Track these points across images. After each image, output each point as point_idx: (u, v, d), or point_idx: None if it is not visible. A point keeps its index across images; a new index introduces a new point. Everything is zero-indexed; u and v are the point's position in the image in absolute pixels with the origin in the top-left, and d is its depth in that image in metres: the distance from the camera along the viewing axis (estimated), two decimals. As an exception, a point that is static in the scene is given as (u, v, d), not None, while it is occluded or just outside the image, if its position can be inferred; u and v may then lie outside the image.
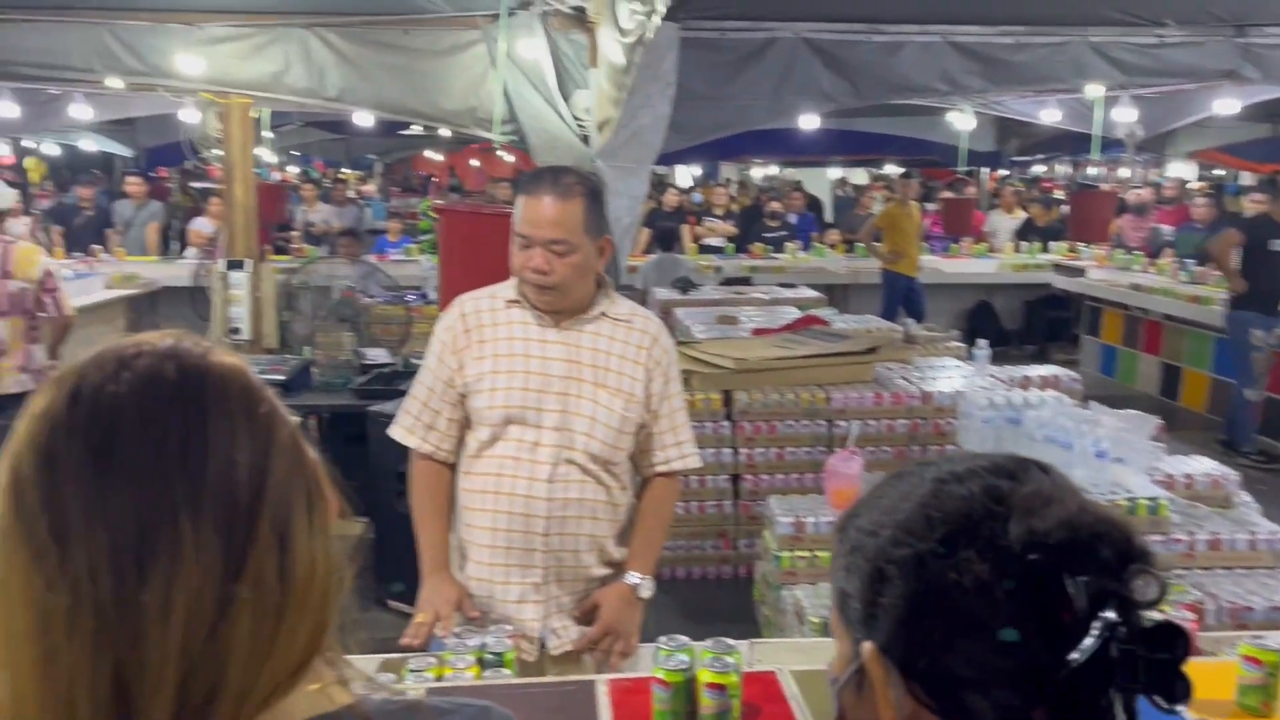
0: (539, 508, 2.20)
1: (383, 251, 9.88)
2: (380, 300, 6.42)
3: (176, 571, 0.68)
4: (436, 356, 2.32)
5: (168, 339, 0.76)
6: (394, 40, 5.70)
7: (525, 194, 2.20)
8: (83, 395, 0.71)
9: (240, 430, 0.73)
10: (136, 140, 13.98)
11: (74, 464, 0.69)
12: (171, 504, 0.68)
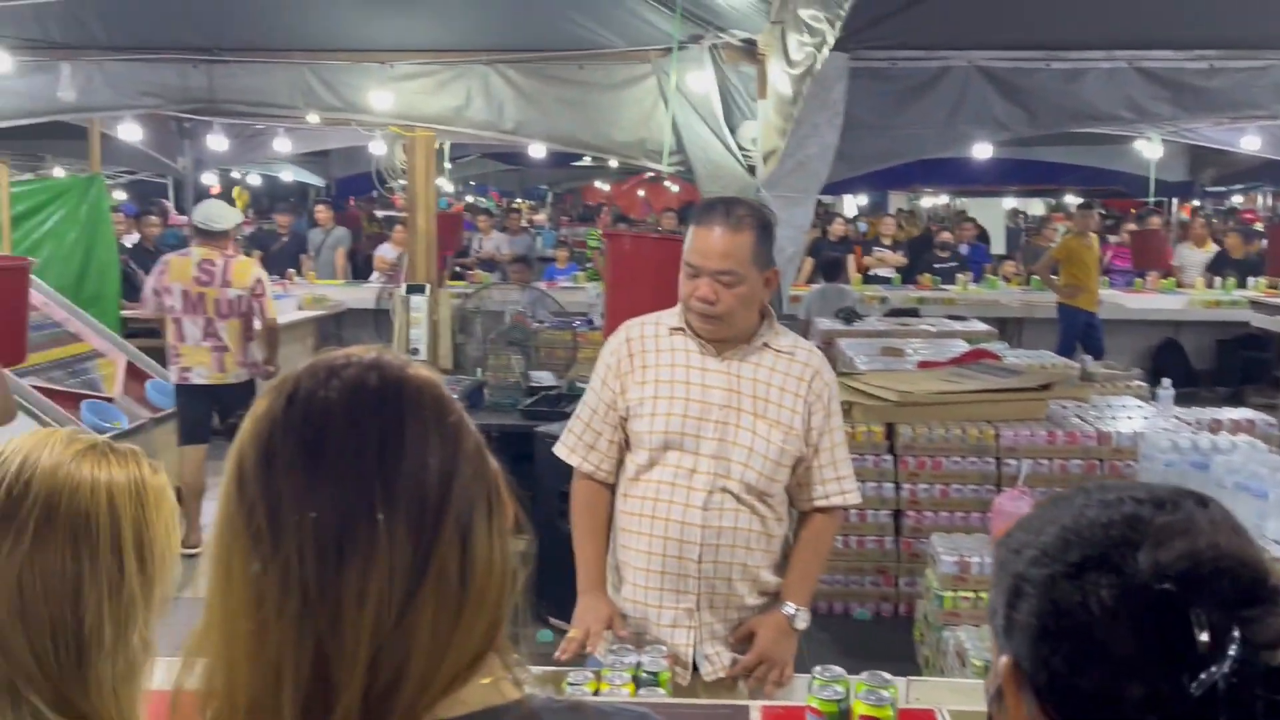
0: (693, 534, 2.22)
1: (552, 278, 10.18)
2: (548, 325, 6.61)
3: (371, 561, 0.74)
4: (600, 379, 2.37)
5: (371, 352, 0.84)
6: (569, 75, 5.91)
7: (697, 224, 2.23)
8: (298, 399, 0.79)
9: (432, 436, 0.79)
10: (329, 171, 14.94)
11: (288, 459, 0.77)
12: (370, 499, 0.75)
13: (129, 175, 13.11)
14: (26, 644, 0.94)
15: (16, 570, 0.95)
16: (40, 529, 0.96)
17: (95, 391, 5.44)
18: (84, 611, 0.97)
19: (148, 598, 1.02)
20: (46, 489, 0.97)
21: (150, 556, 1.02)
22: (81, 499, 0.98)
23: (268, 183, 16.83)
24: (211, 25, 5.76)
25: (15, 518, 0.96)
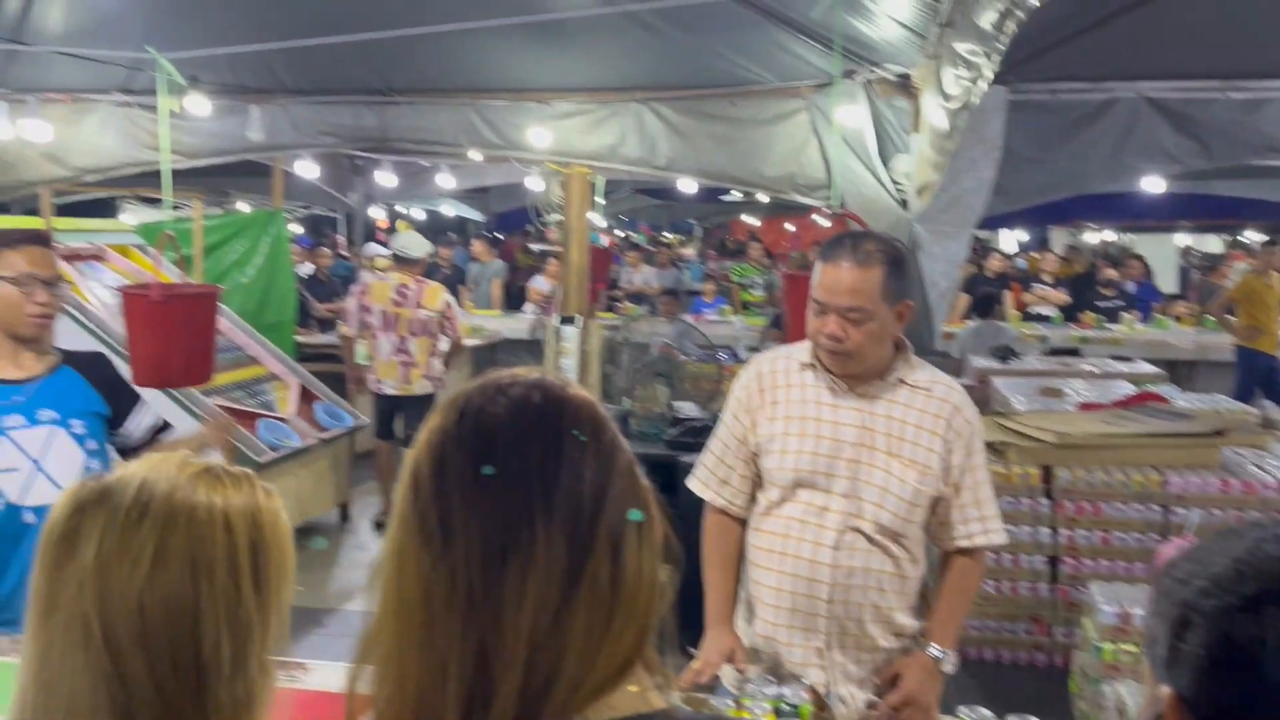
0: (823, 574, 2.19)
1: (699, 311, 10.26)
2: (694, 358, 6.66)
3: (530, 565, 0.80)
4: (732, 414, 2.36)
5: (535, 373, 0.91)
6: (720, 111, 5.99)
7: (824, 260, 2.18)
8: (468, 414, 0.86)
9: (588, 452, 0.85)
10: (489, 206, 15.53)
11: (458, 468, 0.83)
12: (530, 507, 0.81)
13: (305, 209, 13.99)
14: (147, 670, 0.94)
15: (137, 594, 0.94)
16: (159, 551, 0.96)
17: (270, 412, 5.80)
18: (203, 635, 0.96)
19: (264, 622, 1.02)
20: (164, 511, 0.97)
21: (266, 579, 1.02)
22: (198, 521, 0.98)
23: (430, 217, 17.62)
24: (385, 69, 6.12)
25: (134, 540, 0.95)
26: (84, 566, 0.94)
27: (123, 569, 0.94)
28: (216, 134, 6.52)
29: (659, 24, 5.29)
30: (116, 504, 0.97)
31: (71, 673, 0.93)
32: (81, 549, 0.95)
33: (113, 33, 5.69)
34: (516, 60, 5.96)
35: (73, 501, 0.98)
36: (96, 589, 0.93)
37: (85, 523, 0.96)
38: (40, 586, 0.96)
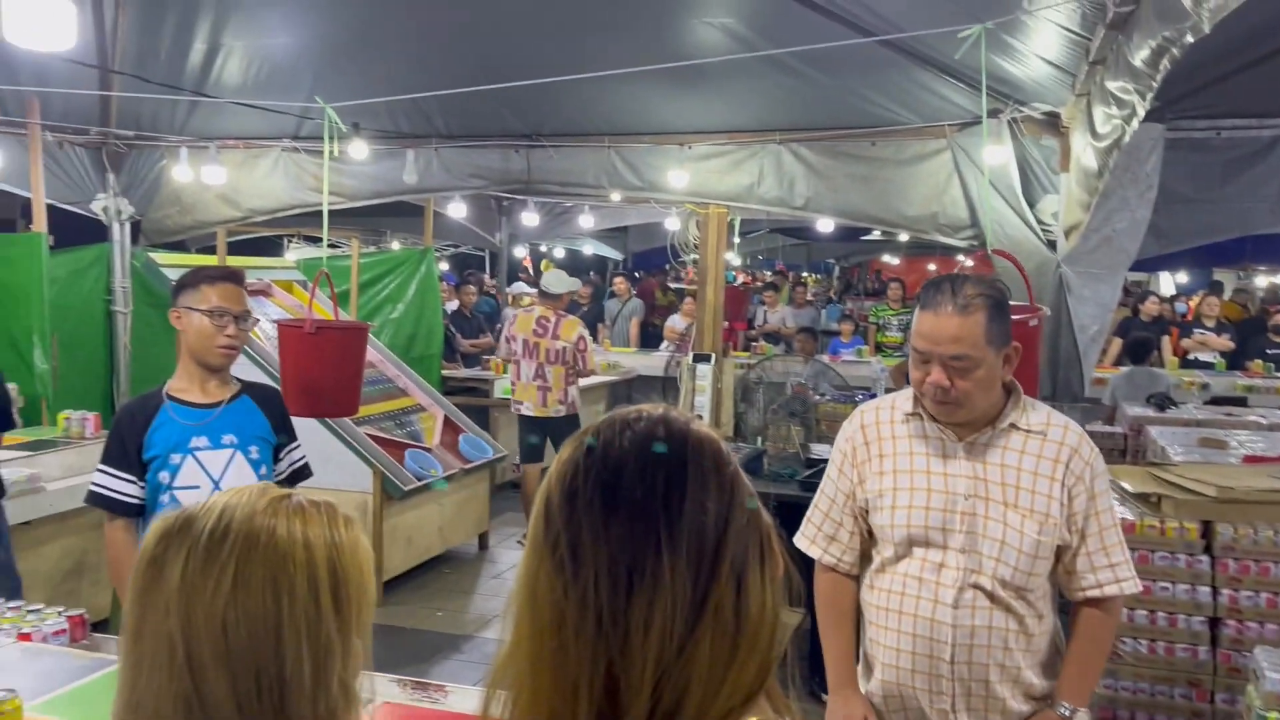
0: (944, 633, 2.08)
1: (835, 352, 10.13)
2: (830, 398, 6.59)
3: (656, 593, 0.83)
4: (838, 467, 2.25)
5: (660, 409, 0.94)
6: (860, 151, 5.96)
7: (923, 307, 2.07)
8: (596, 447, 0.91)
9: (710, 485, 0.88)
10: (627, 245, 15.81)
11: (587, 499, 0.88)
12: (655, 537, 0.85)
13: (453, 248, 14.53)
14: (229, 688, 0.96)
15: (220, 613, 0.96)
16: (241, 570, 0.98)
17: (417, 442, 6.03)
18: (285, 653, 0.98)
19: (345, 642, 1.03)
20: (245, 532, 1.00)
21: (345, 600, 1.03)
22: (278, 543, 1.00)
23: (571, 255, 18.04)
24: (533, 115, 6.36)
25: (217, 560, 0.98)
26: (169, 590, 0.98)
27: (206, 590, 0.97)
28: (374, 177, 6.89)
29: (798, 66, 5.32)
30: (199, 529, 1.00)
31: (156, 695, 0.96)
32: (167, 573, 0.99)
33: (284, 84, 6.11)
34: (656, 104, 6.10)
35: (160, 530, 1.02)
36: (182, 610, 0.97)
37: (171, 549, 1.00)
38: (131, 613, 1.00)
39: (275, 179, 7.08)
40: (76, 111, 6.49)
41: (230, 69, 6.10)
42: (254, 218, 7.24)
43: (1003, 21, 4.12)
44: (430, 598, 5.70)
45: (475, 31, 5.59)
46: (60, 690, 2.38)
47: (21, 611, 2.86)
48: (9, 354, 5.87)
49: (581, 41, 5.51)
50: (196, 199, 7.24)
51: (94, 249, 6.99)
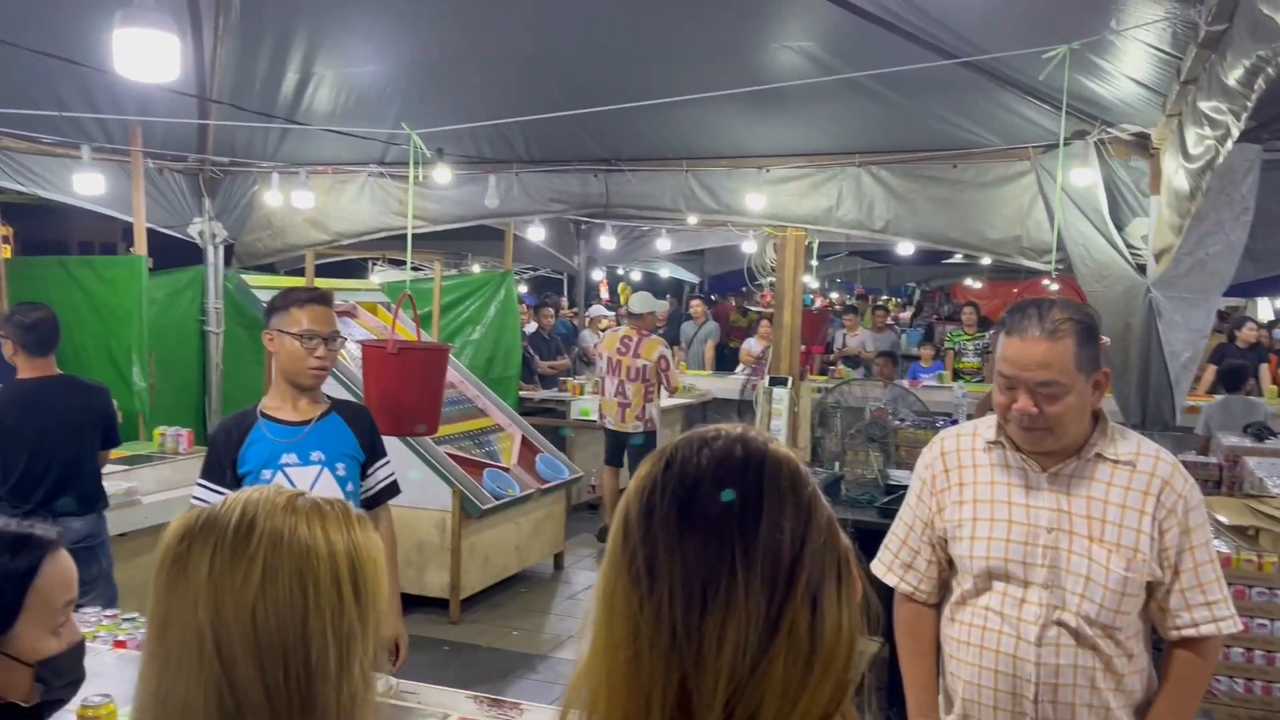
0: (1027, 671, 2.00)
1: (915, 377, 9.99)
2: (909, 424, 6.49)
3: (730, 610, 0.84)
4: (916, 494, 2.20)
5: (738, 428, 0.95)
6: (941, 174, 5.90)
7: (1009, 332, 2.01)
8: (674, 464, 0.92)
9: (787, 505, 0.89)
10: (703, 268, 15.82)
11: (664, 514, 0.89)
12: (730, 555, 0.86)
13: (531, 271, 14.73)
14: (258, 676, 0.99)
15: (250, 604, 1.00)
16: (269, 563, 1.01)
17: (495, 462, 6.11)
18: (311, 641, 1.01)
19: (364, 630, 1.06)
20: (270, 525, 1.04)
21: (364, 590, 1.07)
22: (300, 537, 1.04)
23: (647, 278, 18.12)
24: (611, 140, 6.43)
25: (245, 554, 1.01)
26: (197, 585, 1.01)
27: (235, 583, 1.00)
28: (457, 201, 7.04)
29: (878, 88, 5.29)
30: (223, 526, 1.03)
31: (185, 685, 0.99)
32: (193, 570, 1.01)
33: (372, 111, 6.29)
34: (734, 128, 6.12)
35: (181, 529, 1.05)
36: (211, 603, 1.00)
37: (195, 546, 1.02)
38: (156, 609, 1.03)
39: (361, 203, 7.28)
40: (176, 139, 6.77)
41: (320, 97, 6.31)
42: (340, 241, 7.44)
43: (1089, 42, 4.05)
44: (506, 616, 5.75)
45: (556, 59, 5.69)
46: (153, 696, 2.45)
47: (118, 619, 2.97)
48: (110, 371, 6.12)
49: (660, 67, 5.57)
50: (286, 223, 7.48)
51: (190, 271, 7.26)
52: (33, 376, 4.01)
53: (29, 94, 5.52)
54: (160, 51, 2.87)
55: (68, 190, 6.29)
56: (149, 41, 2.85)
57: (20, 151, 6.10)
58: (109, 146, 6.35)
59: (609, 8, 5.31)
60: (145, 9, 2.82)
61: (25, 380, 4.02)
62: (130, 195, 6.48)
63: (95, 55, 4.43)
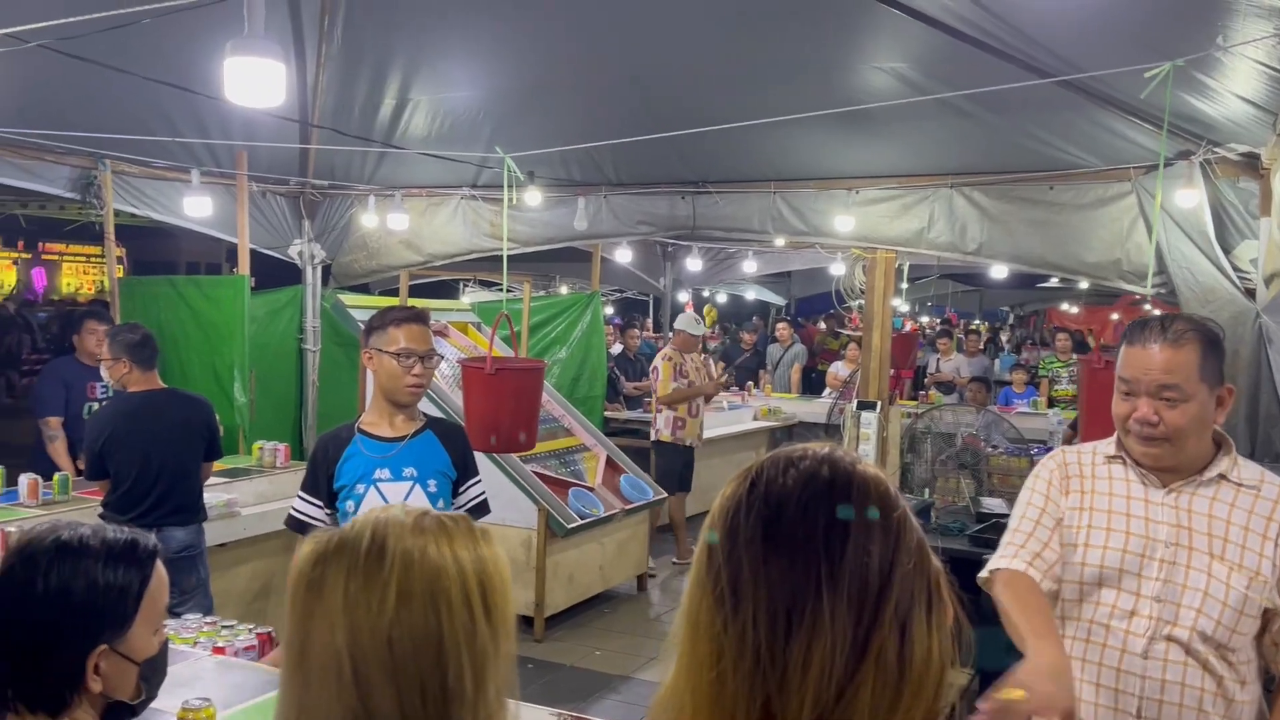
0: (1131, 684, 1.94)
1: (1009, 403, 9.75)
2: (1003, 451, 6.34)
3: (816, 634, 0.82)
4: (1043, 494, 2.12)
5: (825, 448, 0.93)
6: (1037, 195, 5.77)
7: (1130, 343, 1.98)
8: (759, 484, 0.91)
9: (875, 528, 0.87)
10: (790, 291, 15.73)
11: (749, 535, 0.88)
12: (816, 577, 0.84)
13: (618, 293, 14.84)
14: (396, 700, 0.99)
15: (386, 629, 1.00)
16: (402, 587, 1.01)
17: (580, 481, 6.15)
18: (447, 664, 1.01)
19: (497, 650, 1.06)
20: (402, 549, 1.03)
21: (495, 609, 1.06)
22: (431, 559, 1.04)
23: (733, 301, 18.09)
24: (700, 162, 6.46)
25: (379, 579, 1.01)
26: (333, 609, 1.01)
27: (370, 608, 1.01)
28: (547, 223, 7.14)
29: (971, 108, 5.22)
30: (355, 550, 1.04)
31: (326, 709, 0.99)
32: (328, 594, 1.02)
33: (465, 135, 6.44)
34: (823, 149, 6.09)
35: (314, 553, 1.06)
36: (347, 628, 1.00)
37: (330, 570, 1.03)
38: (294, 633, 1.03)
39: (454, 225, 7.44)
40: (279, 163, 7.02)
41: (416, 121, 6.48)
42: (433, 262, 7.61)
43: (1194, 59, 3.92)
44: (589, 636, 5.77)
45: (646, 82, 5.74)
46: (250, 702, 2.53)
47: (217, 626, 3.07)
48: (212, 387, 6.34)
49: (749, 90, 5.58)
50: (381, 244, 7.68)
51: (289, 290, 7.50)
52: (141, 390, 4.19)
53: (144, 121, 5.80)
54: (268, 78, 2.99)
55: (178, 212, 6.57)
56: (258, 69, 2.97)
57: (135, 176, 6.40)
58: (216, 170, 6.61)
59: (699, 32, 5.34)
60: (255, 38, 2.95)
61: (135, 393, 4.21)
62: (235, 217, 6.74)
63: (206, 82, 4.63)
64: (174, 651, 2.82)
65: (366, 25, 5.92)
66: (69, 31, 3.86)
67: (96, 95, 5.37)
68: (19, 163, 5.80)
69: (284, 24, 5.78)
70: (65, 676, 1.36)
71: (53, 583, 1.35)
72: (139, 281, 7.32)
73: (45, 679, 1.35)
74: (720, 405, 9.67)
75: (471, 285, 12.05)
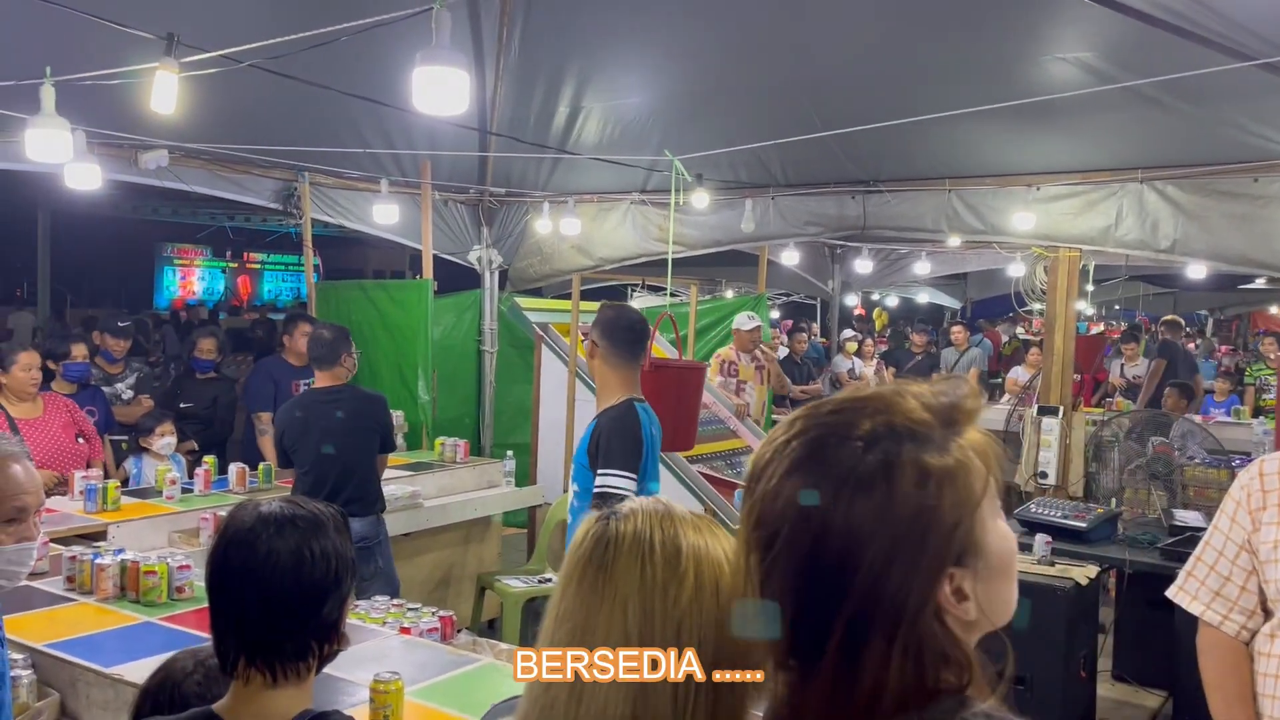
0: None
1: (1207, 412, 9.14)
2: (1199, 461, 5.94)
3: None
4: (1229, 516, 2.07)
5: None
6: (1240, 188, 5.38)
7: None
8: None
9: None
10: (965, 293, 15.19)
11: None
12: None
13: (784, 296, 14.72)
14: (671, 686, 1.02)
15: (679, 617, 1.05)
16: (697, 580, 1.06)
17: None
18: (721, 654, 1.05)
19: None
20: (693, 547, 1.08)
21: None
22: (712, 552, 1.09)
23: (904, 304, 17.62)
24: (870, 161, 6.35)
25: (675, 572, 1.06)
26: (625, 593, 1.06)
27: (667, 596, 1.05)
28: (714, 226, 7.18)
29: (1162, 97, 4.92)
30: (646, 540, 1.09)
31: (605, 687, 1.03)
32: (619, 577, 1.07)
33: (635, 141, 6.56)
34: (1000, 144, 5.87)
35: (596, 537, 1.10)
36: (640, 612, 1.05)
37: (622, 555, 1.08)
38: (575, 609, 1.08)
39: (623, 230, 7.58)
40: (459, 172, 7.35)
41: (588, 129, 6.64)
42: (603, 266, 7.77)
43: None
44: (755, 638, 5.75)
45: (814, 82, 5.69)
46: (434, 679, 2.67)
47: (403, 609, 3.25)
48: (398, 385, 6.70)
49: (921, 86, 5.45)
50: (554, 249, 7.90)
51: (469, 295, 7.83)
52: (323, 386, 4.50)
53: (337, 134, 6.19)
54: (453, 87, 3.15)
55: (368, 221, 6.97)
56: (444, 78, 3.14)
57: (330, 186, 6.83)
58: (402, 180, 6.98)
59: (868, 29, 5.26)
60: (442, 49, 3.11)
61: (315, 389, 4.53)
62: (419, 224, 7.09)
63: (395, 95, 4.91)
64: (363, 630, 3.02)
65: (543, 37, 6.12)
66: (276, 50, 4.17)
67: (297, 111, 5.77)
68: (231, 177, 6.30)
69: (465, 37, 6.05)
70: (326, 630, 1.50)
71: (324, 546, 1.50)
72: (332, 286, 7.79)
73: (309, 635, 1.48)
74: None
75: (639, 290, 12.23)
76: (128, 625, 3.03)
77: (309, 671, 1.49)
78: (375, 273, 21.26)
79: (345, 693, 2.44)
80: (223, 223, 16.94)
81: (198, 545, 4.13)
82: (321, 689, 2.04)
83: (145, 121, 4.93)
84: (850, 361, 10.36)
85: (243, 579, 1.47)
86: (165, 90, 3.85)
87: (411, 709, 2.38)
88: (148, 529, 4.31)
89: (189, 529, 4.39)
